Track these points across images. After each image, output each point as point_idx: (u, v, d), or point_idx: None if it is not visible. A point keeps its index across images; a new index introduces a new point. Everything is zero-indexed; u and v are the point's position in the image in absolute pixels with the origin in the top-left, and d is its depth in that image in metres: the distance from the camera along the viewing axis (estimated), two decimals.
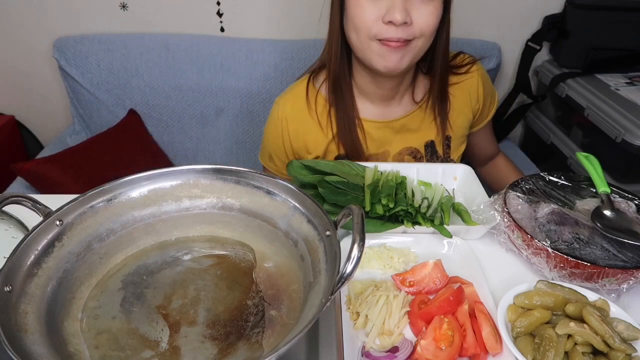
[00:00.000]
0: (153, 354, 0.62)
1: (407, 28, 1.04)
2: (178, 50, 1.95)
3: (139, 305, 0.68)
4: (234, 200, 0.79)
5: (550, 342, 0.70)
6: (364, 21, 1.05)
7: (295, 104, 1.27)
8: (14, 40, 2.04)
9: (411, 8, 1.03)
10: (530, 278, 0.86)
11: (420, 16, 1.04)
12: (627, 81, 1.82)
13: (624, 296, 0.83)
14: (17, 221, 0.91)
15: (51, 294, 0.64)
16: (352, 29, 1.09)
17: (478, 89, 1.32)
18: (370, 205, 0.96)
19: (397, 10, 1.01)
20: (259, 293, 0.70)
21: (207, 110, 2.03)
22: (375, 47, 1.08)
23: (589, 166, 1.00)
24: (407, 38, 1.06)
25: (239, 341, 0.63)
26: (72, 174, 1.73)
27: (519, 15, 1.98)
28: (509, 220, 0.92)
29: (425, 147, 1.30)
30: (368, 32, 1.06)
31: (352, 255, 0.56)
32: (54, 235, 0.68)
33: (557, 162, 1.94)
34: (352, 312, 0.80)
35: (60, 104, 2.21)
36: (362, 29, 1.07)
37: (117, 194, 0.75)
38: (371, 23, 1.05)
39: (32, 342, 0.56)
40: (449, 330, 0.75)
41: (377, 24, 1.05)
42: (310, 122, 1.26)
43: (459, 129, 1.32)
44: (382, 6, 1.03)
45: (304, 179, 1.03)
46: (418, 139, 1.30)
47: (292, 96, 1.28)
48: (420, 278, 0.86)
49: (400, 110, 1.28)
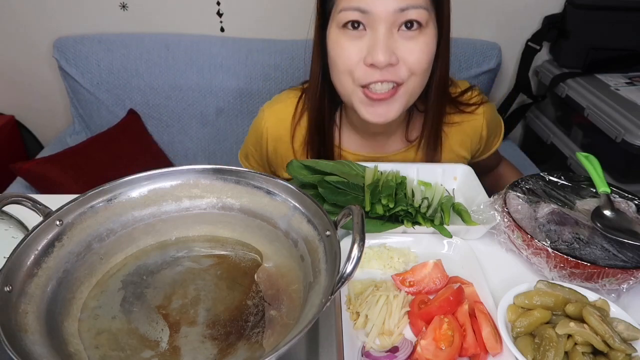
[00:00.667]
0: (153, 354, 0.62)
1: (393, 69, 0.94)
2: (178, 50, 1.95)
3: (139, 305, 0.68)
4: (234, 200, 0.79)
5: (550, 342, 0.70)
6: (345, 63, 0.96)
7: (278, 122, 1.19)
8: (14, 40, 2.04)
9: (396, 46, 0.92)
10: (530, 278, 0.86)
11: (408, 54, 0.93)
12: (627, 81, 1.82)
13: (624, 296, 0.83)
14: (17, 221, 0.91)
15: (51, 294, 0.64)
16: (334, 72, 1.00)
17: (481, 132, 1.21)
18: (370, 205, 0.96)
19: (379, 50, 0.90)
20: (259, 293, 0.70)
21: (207, 110, 2.03)
22: (360, 95, 0.98)
23: (589, 166, 1.00)
24: (395, 80, 0.95)
25: (239, 341, 0.63)
26: (72, 174, 1.73)
27: (519, 15, 1.98)
28: (509, 220, 0.92)
29: None
30: (351, 77, 0.97)
31: (352, 255, 0.56)
32: (54, 235, 0.68)
33: (557, 162, 1.94)
34: (352, 312, 0.80)
35: (60, 104, 2.21)
36: (343, 73, 0.97)
37: (117, 194, 0.75)
38: (353, 66, 0.95)
39: (32, 342, 0.56)
40: (449, 330, 0.75)
41: (359, 67, 0.95)
42: (288, 146, 1.19)
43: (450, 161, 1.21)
44: (363, 45, 0.93)
45: (303, 179, 1.03)
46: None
47: (278, 111, 1.20)
48: (420, 278, 0.86)
49: (390, 147, 1.19)
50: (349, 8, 0.92)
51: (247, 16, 1.99)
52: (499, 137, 1.31)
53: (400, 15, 0.91)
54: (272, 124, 1.20)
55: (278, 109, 1.21)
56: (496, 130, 1.29)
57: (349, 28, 0.94)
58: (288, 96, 1.21)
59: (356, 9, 0.91)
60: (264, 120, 1.21)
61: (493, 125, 1.25)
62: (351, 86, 0.98)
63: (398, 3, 0.90)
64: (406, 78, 0.96)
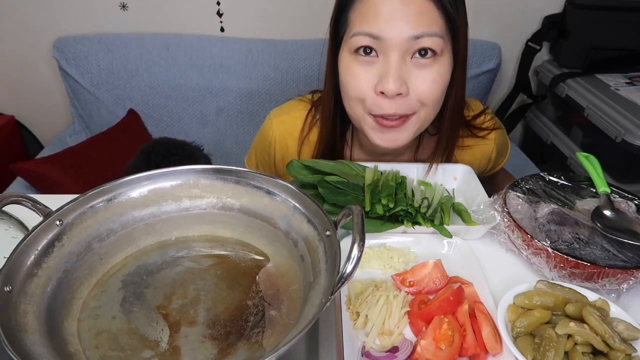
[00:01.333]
0: (153, 354, 0.62)
1: (402, 100, 0.92)
2: (178, 50, 1.95)
3: (139, 305, 0.68)
4: (234, 200, 0.79)
5: (550, 342, 0.70)
6: (356, 90, 0.94)
7: (287, 134, 1.18)
8: (15, 40, 2.04)
9: (408, 75, 0.90)
10: (530, 278, 0.86)
11: (419, 84, 0.91)
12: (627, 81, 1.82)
13: (624, 296, 0.83)
14: (17, 221, 0.91)
15: (51, 294, 0.64)
16: (345, 97, 0.99)
17: (490, 156, 1.20)
18: (370, 205, 0.96)
19: (390, 78, 0.88)
20: (259, 293, 0.70)
21: (207, 110, 2.03)
22: (370, 122, 0.97)
23: (589, 166, 1.00)
24: (404, 113, 0.94)
25: (239, 341, 0.63)
26: (72, 174, 1.73)
27: (519, 15, 1.98)
28: (509, 220, 0.92)
29: None
30: (362, 103, 0.96)
31: (352, 255, 0.56)
32: (54, 235, 0.68)
33: (557, 162, 1.94)
34: (352, 312, 0.80)
35: (60, 104, 2.21)
36: (354, 100, 0.97)
37: (117, 194, 0.75)
38: (363, 93, 0.94)
39: (32, 342, 0.56)
40: (449, 330, 0.75)
41: (370, 95, 0.93)
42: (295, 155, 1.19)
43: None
44: (375, 72, 0.91)
45: (304, 179, 1.03)
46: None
47: (287, 124, 1.18)
48: (420, 278, 0.86)
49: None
50: (361, 33, 0.90)
51: (247, 16, 1.99)
52: (505, 157, 1.31)
53: (414, 42, 0.88)
54: (280, 135, 1.18)
55: (286, 120, 1.19)
56: (504, 152, 1.28)
57: (361, 54, 0.92)
58: (297, 108, 1.19)
59: (368, 35, 0.89)
60: (272, 129, 1.19)
61: (502, 150, 1.25)
62: (362, 112, 0.98)
63: (412, 30, 0.87)
64: (417, 109, 0.94)
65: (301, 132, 1.16)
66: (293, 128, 1.16)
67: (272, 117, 1.20)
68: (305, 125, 1.15)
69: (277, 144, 1.19)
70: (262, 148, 1.24)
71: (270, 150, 1.21)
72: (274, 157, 1.21)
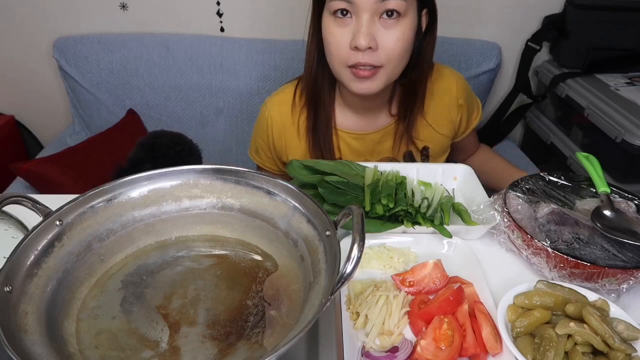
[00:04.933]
0: (153, 354, 0.62)
1: (372, 53, 1.06)
2: (178, 50, 1.95)
3: (139, 305, 0.68)
4: (233, 200, 0.79)
5: (550, 342, 0.70)
6: (335, 47, 1.09)
7: (280, 108, 1.31)
8: (14, 40, 2.04)
9: (377, 33, 1.05)
10: (530, 278, 0.86)
11: (386, 41, 1.06)
12: (627, 81, 1.82)
13: (624, 296, 0.83)
14: (17, 221, 0.90)
15: (51, 294, 0.64)
16: (327, 54, 1.14)
17: (457, 98, 1.32)
18: (370, 205, 0.96)
19: (361, 35, 1.03)
20: (258, 293, 0.70)
21: (207, 110, 2.03)
22: (347, 74, 1.11)
23: (588, 166, 1.00)
24: (374, 64, 1.07)
25: (239, 341, 0.63)
26: (71, 174, 1.73)
27: (519, 15, 1.98)
28: (509, 220, 0.92)
29: (403, 158, 1.33)
30: (339, 59, 1.10)
31: (352, 255, 0.56)
32: (54, 235, 0.68)
33: (557, 162, 1.94)
34: (352, 312, 0.80)
35: (60, 104, 2.21)
36: (334, 55, 1.11)
37: (117, 194, 0.75)
38: (341, 49, 1.08)
39: (32, 342, 0.56)
40: (449, 330, 0.75)
41: (346, 51, 1.07)
42: (291, 129, 1.30)
43: (435, 140, 1.33)
44: (349, 31, 1.06)
45: (303, 179, 1.03)
46: (395, 150, 1.32)
47: (279, 100, 1.32)
48: (420, 278, 0.86)
49: (377, 123, 1.30)
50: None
51: (247, 16, 1.99)
52: (477, 112, 1.42)
53: (380, 5, 1.03)
54: (275, 111, 1.31)
55: (278, 97, 1.33)
56: (472, 102, 1.39)
57: (339, 15, 1.07)
58: (286, 87, 1.34)
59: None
60: (267, 110, 1.33)
61: (468, 94, 1.36)
62: (340, 67, 1.12)
63: None
64: (385, 62, 1.08)
65: (293, 101, 1.30)
66: (285, 100, 1.31)
67: (266, 102, 1.35)
68: (296, 95, 1.30)
69: (274, 123, 1.31)
70: (260, 132, 1.36)
71: (267, 131, 1.33)
72: (272, 139, 1.33)
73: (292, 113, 1.30)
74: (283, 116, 1.30)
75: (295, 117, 1.29)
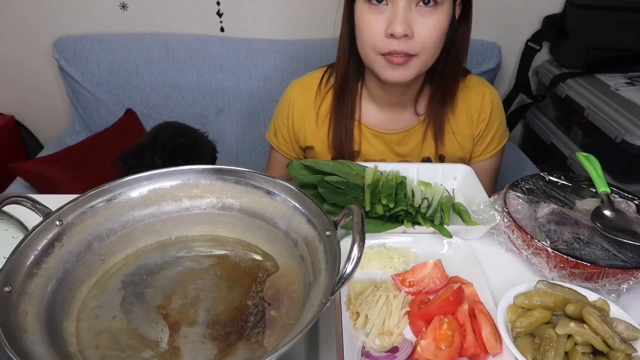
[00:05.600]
0: (153, 354, 0.62)
1: (408, 41, 1.04)
2: (178, 50, 1.95)
3: (139, 305, 0.68)
4: (233, 200, 0.79)
5: (550, 342, 0.70)
6: (369, 34, 1.07)
7: (304, 91, 1.31)
8: (14, 40, 2.04)
9: (413, 21, 1.03)
10: (530, 278, 0.86)
11: (422, 29, 1.04)
12: (627, 81, 1.82)
13: (624, 296, 0.83)
14: (17, 221, 0.90)
15: (51, 294, 0.64)
16: (359, 41, 1.12)
17: (483, 107, 1.28)
18: (370, 205, 0.96)
19: (397, 23, 1.01)
20: (259, 293, 0.70)
21: (207, 110, 2.03)
22: (380, 60, 1.09)
23: (588, 166, 1.00)
24: (410, 52, 1.06)
25: (239, 341, 0.63)
26: (71, 173, 1.73)
27: (519, 15, 1.98)
28: (509, 220, 0.92)
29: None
30: (373, 46, 1.08)
31: (352, 255, 0.56)
32: (54, 235, 0.68)
33: (557, 162, 1.94)
34: (352, 312, 0.80)
35: (60, 104, 2.21)
36: (367, 42, 1.09)
37: (117, 194, 0.75)
38: (375, 37, 1.06)
39: (32, 342, 0.56)
40: (449, 330, 0.74)
41: (380, 38, 1.05)
42: (312, 114, 1.30)
43: (454, 150, 1.29)
44: (384, 19, 1.04)
45: (304, 179, 1.03)
46: (415, 154, 1.30)
47: (304, 83, 1.32)
48: (420, 278, 0.86)
49: (401, 122, 1.28)
50: None
51: (247, 16, 1.99)
52: (500, 134, 1.34)
53: None
54: (298, 94, 1.31)
55: (304, 80, 1.34)
56: (497, 120, 1.32)
57: (374, 3, 1.05)
58: (315, 72, 1.34)
59: None
60: (291, 90, 1.33)
61: (497, 111, 1.31)
62: (373, 54, 1.10)
63: None
64: (419, 51, 1.07)
65: (319, 86, 1.30)
66: (311, 84, 1.31)
67: (291, 84, 1.35)
68: (323, 80, 1.30)
69: (296, 104, 1.31)
70: (281, 113, 1.35)
71: (289, 112, 1.32)
72: (292, 120, 1.32)
73: (315, 98, 1.29)
74: (306, 100, 1.30)
75: (317, 103, 1.29)
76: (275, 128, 1.38)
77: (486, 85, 1.31)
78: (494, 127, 1.31)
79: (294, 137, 1.34)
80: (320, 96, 1.29)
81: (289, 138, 1.35)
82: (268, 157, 1.47)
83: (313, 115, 1.30)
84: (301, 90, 1.31)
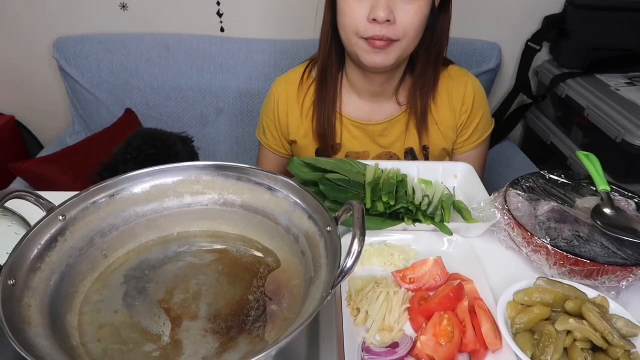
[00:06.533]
0: (155, 347, 0.62)
1: (390, 27, 1.07)
2: (178, 50, 1.95)
3: (141, 299, 0.69)
4: (235, 197, 0.79)
5: (550, 338, 0.70)
6: (352, 19, 1.09)
7: (287, 86, 1.33)
8: (14, 40, 2.04)
9: (395, 7, 1.05)
10: (530, 275, 0.87)
11: (403, 15, 1.06)
12: (627, 81, 1.82)
13: (623, 293, 0.84)
14: (19, 217, 0.91)
15: (54, 288, 0.64)
16: (341, 26, 1.13)
17: (465, 97, 1.28)
18: (371, 203, 0.97)
19: (380, 8, 1.03)
20: (260, 288, 0.70)
21: (207, 110, 2.03)
22: (362, 44, 1.11)
23: (588, 164, 1.00)
24: (391, 37, 1.08)
25: (240, 335, 0.63)
26: (70, 173, 1.73)
27: (519, 15, 1.98)
28: (509, 218, 0.93)
29: (405, 154, 1.32)
30: (355, 30, 1.09)
31: (353, 249, 0.57)
32: (57, 229, 0.68)
33: (557, 162, 1.94)
34: (352, 308, 0.81)
35: (60, 104, 2.21)
36: (349, 27, 1.10)
37: (119, 189, 0.75)
38: (357, 21, 1.08)
39: (35, 335, 0.56)
40: (449, 326, 0.75)
41: (363, 23, 1.07)
42: (296, 108, 1.32)
43: (437, 141, 1.30)
44: (367, 5, 1.06)
45: (304, 176, 1.04)
46: (398, 145, 1.31)
47: (287, 78, 1.34)
48: (420, 275, 0.86)
49: (382, 112, 1.30)
50: None
51: (247, 16, 2.00)
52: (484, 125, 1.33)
53: None
54: (282, 88, 1.34)
55: (287, 75, 1.36)
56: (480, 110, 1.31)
57: None
58: (297, 67, 1.36)
59: None
60: (275, 87, 1.36)
61: (479, 101, 1.31)
62: (355, 39, 1.11)
63: None
64: (401, 36, 1.09)
65: (301, 79, 1.32)
66: (293, 78, 1.33)
67: (275, 81, 1.37)
68: (305, 73, 1.32)
69: (280, 99, 1.33)
70: (267, 109, 1.38)
71: (274, 107, 1.34)
72: (277, 116, 1.34)
73: (298, 92, 1.31)
74: (289, 94, 1.32)
75: (301, 96, 1.31)
76: (264, 126, 1.41)
77: (468, 75, 1.32)
78: (477, 117, 1.32)
79: (281, 132, 1.37)
80: (303, 90, 1.31)
81: (277, 135, 1.37)
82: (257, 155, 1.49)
83: (297, 109, 1.32)
84: (284, 85, 1.33)
